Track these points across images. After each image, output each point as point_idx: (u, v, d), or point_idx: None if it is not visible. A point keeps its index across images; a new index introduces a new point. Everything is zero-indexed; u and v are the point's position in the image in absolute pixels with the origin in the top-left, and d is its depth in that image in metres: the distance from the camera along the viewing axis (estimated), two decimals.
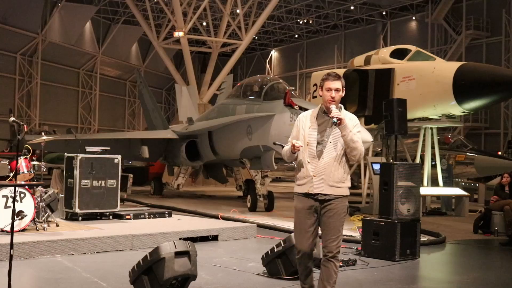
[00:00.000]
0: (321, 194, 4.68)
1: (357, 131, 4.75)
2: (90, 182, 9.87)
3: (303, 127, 4.81)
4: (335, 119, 4.60)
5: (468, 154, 18.01)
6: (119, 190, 10.30)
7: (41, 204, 8.46)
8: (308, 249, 4.76)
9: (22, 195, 7.92)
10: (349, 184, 4.84)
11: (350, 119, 4.77)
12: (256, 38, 43.20)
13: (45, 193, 8.78)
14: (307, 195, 4.72)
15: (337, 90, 4.73)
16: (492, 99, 12.95)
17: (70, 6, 37.40)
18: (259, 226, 10.72)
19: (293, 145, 4.68)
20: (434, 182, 15.12)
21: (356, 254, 8.25)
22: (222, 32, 30.68)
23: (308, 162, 4.71)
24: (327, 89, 4.75)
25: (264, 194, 14.27)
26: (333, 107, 4.69)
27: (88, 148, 10.44)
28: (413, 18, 37.03)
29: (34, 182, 8.68)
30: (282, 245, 6.48)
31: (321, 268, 4.75)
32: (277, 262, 6.51)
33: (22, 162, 8.66)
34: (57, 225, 8.66)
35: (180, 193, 19.70)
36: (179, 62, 43.03)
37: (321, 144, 4.71)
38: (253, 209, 14.19)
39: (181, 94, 21.72)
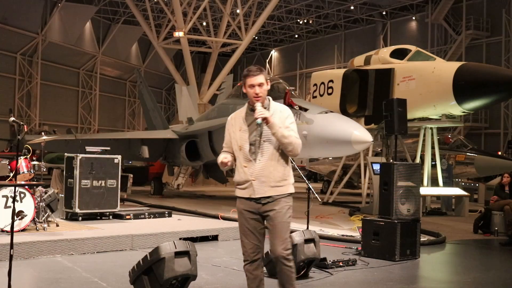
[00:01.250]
0: (263, 197, 4.39)
1: (290, 123, 4.45)
2: (90, 182, 9.87)
3: (233, 130, 4.51)
4: (259, 120, 4.31)
5: (468, 154, 18.01)
6: (119, 190, 10.29)
7: (41, 204, 8.46)
8: (253, 255, 4.47)
9: (22, 195, 7.91)
10: (292, 180, 4.51)
11: (281, 112, 4.47)
12: (256, 38, 43.23)
13: (45, 193, 8.77)
14: (249, 199, 4.43)
15: (260, 85, 4.42)
16: (492, 99, 12.95)
17: (70, 6, 37.43)
18: None
19: (221, 162, 4.47)
20: (434, 182, 15.12)
21: (356, 254, 8.24)
22: (222, 32, 30.69)
23: (245, 166, 4.41)
24: (250, 86, 4.44)
25: None
26: (258, 105, 4.37)
27: (88, 148, 10.44)
28: (413, 18, 37.05)
29: (34, 182, 8.67)
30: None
31: (278, 274, 4.48)
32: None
33: (22, 162, 8.66)
34: (57, 225, 8.65)
35: (180, 193, 19.70)
36: (179, 62, 43.06)
37: (254, 145, 4.41)
38: None
39: (181, 94, 21.72)
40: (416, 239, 8.28)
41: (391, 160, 10.58)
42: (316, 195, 7.52)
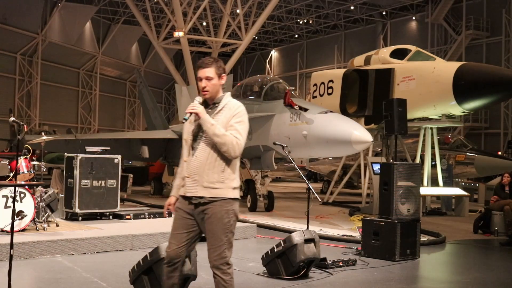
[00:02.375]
0: (194, 197, 4.09)
1: (236, 122, 4.07)
2: (90, 182, 9.87)
3: (189, 121, 4.24)
4: (186, 115, 4.10)
5: (468, 154, 18.02)
6: (119, 190, 10.29)
7: (41, 204, 8.46)
8: (174, 255, 4.15)
9: (22, 195, 7.91)
10: (233, 185, 4.13)
11: (230, 109, 4.12)
12: (256, 38, 43.23)
13: (45, 193, 8.77)
14: (183, 197, 4.16)
15: (208, 78, 4.10)
16: (492, 99, 12.94)
17: (70, 6, 37.45)
18: (259, 226, 10.72)
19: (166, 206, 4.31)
20: (434, 182, 15.12)
21: (356, 254, 8.25)
22: (222, 32, 30.70)
23: (185, 160, 4.15)
24: (198, 79, 4.17)
25: (264, 194, 14.27)
26: (195, 100, 4.14)
27: (88, 148, 10.44)
28: (413, 18, 37.06)
29: (34, 182, 8.67)
30: (282, 245, 6.48)
31: (214, 281, 4.17)
32: (277, 262, 6.51)
33: (22, 162, 8.66)
34: (57, 225, 8.65)
35: None
36: (179, 62, 43.08)
37: (196, 141, 4.13)
38: (253, 209, 14.18)
39: (181, 94, 21.69)
40: (416, 239, 8.29)
41: (391, 160, 10.59)
42: (316, 195, 7.52)
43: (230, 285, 4.06)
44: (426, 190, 14.10)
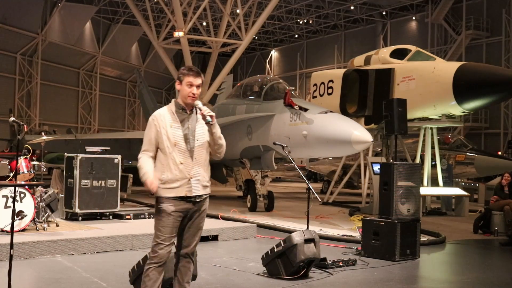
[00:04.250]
0: (197, 195, 4.42)
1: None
2: (90, 182, 9.87)
3: (163, 126, 4.38)
4: (209, 118, 4.33)
5: (468, 154, 18.02)
6: (119, 190, 10.29)
7: (41, 204, 8.46)
8: (167, 256, 4.39)
9: (22, 195, 7.92)
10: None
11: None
12: (256, 38, 43.24)
13: (45, 193, 8.77)
14: (183, 198, 4.36)
15: (198, 86, 4.43)
16: (492, 99, 12.95)
17: (70, 6, 37.46)
18: (259, 226, 10.72)
19: (150, 187, 4.29)
20: (434, 182, 15.12)
21: (356, 254, 8.25)
22: (222, 32, 30.69)
23: (181, 163, 4.35)
24: (188, 84, 4.41)
25: (264, 194, 14.27)
26: (199, 103, 4.42)
27: (88, 148, 10.44)
28: (413, 18, 37.07)
29: (34, 182, 8.67)
30: (282, 245, 6.48)
31: (180, 270, 4.51)
32: (277, 262, 6.51)
33: (22, 162, 8.66)
34: (57, 225, 8.66)
35: None
36: (179, 62, 43.06)
37: (189, 144, 4.39)
38: (253, 209, 14.18)
39: None
40: (416, 239, 8.28)
41: (391, 160, 10.58)
42: (316, 195, 7.52)
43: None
44: (426, 190, 14.10)
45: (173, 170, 4.35)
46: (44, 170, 9.89)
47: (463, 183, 18.81)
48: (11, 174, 8.55)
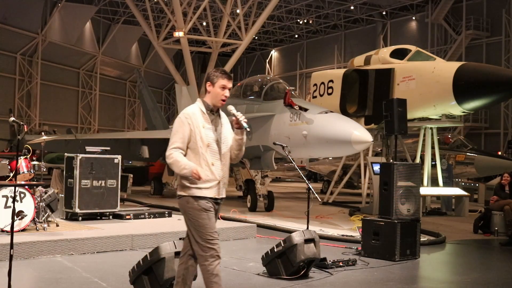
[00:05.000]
0: (222, 198, 4.48)
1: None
2: (90, 182, 9.87)
3: (196, 125, 4.32)
4: (245, 125, 4.34)
5: (468, 154, 18.02)
6: (119, 190, 10.29)
7: (41, 204, 8.46)
8: (219, 250, 4.40)
9: (22, 195, 7.91)
10: None
11: (226, 117, 4.57)
12: (256, 38, 43.23)
13: (45, 193, 8.77)
14: (213, 199, 4.38)
15: (229, 89, 4.45)
16: (492, 99, 12.94)
17: (70, 6, 37.45)
18: (259, 226, 10.72)
19: (197, 174, 4.21)
20: (434, 182, 15.11)
21: (356, 254, 8.25)
22: (222, 32, 30.70)
23: (213, 164, 4.34)
24: (221, 87, 4.38)
25: (264, 194, 14.27)
26: (233, 109, 4.40)
27: (88, 148, 10.44)
28: (413, 18, 37.06)
29: (34, 182, 8.67)
30: (282, 245, 6.48)
31: (188, 269, 4.46)
32: (277, 262, 6.51)
33: (22, 162, 8.66)
34: (57, 225, 8.66)
35: None
36: (179, 62, 43.07)
37: (219, 146, 4.40)
38: (253, 209, 14.18)
39: (181, 94, 21.71)
40: (416, 239, 8.29)
41: (391, 160, 10.58)
42: (316, 195, 7.52)
43: None
44: (426, 190, 14.09)
45: (205, 170, 4.31)
46: (44, 170, 9.88)
47: (463, 183, 18.81)
48: (11, 174, 8.55)
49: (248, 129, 4.39)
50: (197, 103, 4.46)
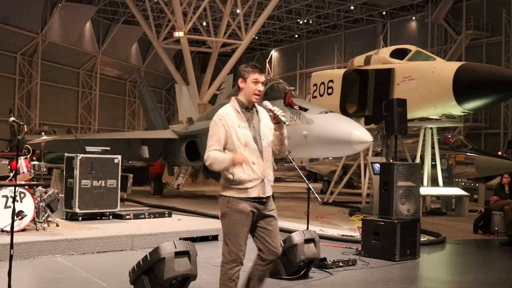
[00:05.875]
0: (268, 196, 4.36)
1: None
2: (90, 182, 9.87)
3: (231, 126, 4.22)
4: (283, 119, 4.27)
5: (468, 154, 18.01)
6: (119, 190, 10.29)
7: (41, 204, 8.46)
8: (243, 257, 4.34)
9: (22, 195, 7.91)
10: None
11: (264, 112, 4.46)
12: (256, 38, 43.21)
13: (45, 193, 8.77)
14: (256, 198, 4.27)
15: (263, 83, 4.32)
16: (492, 99, 12.95)
17: (70, 6, 37.43)
18: None
19: (240, 160, 4.14)
20: (434, 182, 15.12)
21: (356, 254, 8.25)
22: (222, 32, 30.68)
23: (253, 163, 4.23)
24: (254, 81, 4.27)
25: None
26: (269, 104, 4.33)
27: (88, 148, 10.44)
28: (413, 18, 37.05)
29: (34, 182, 8.67)
30: (282, 245, 6.47)
31: (261, 270, 4.47)
32: (277, 262, 6.49)
33: (22, 162, 8.65)
34: (57, 225, 8.65)
35: (180, 193, 19.70)
36: (179, 62, 43.03)
37: (258, 144, 4.28)
38: None
39: (181, 94, 21.73)
40: (416, 239, 8.29)
41: (391, 160, 10.58)
42: (316, 195, 7.52)
43: None
44: (426, 190, 14.09)
45: (246, 170, 4.22)
46: (44, 170, 9.88)
47: (463, 183, 18.81)
48: (11, 174, 8.55)
49: (287, 123, 4.32)
50: (230, 103, 4.36)
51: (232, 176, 4.23)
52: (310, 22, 40.84)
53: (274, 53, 47.92)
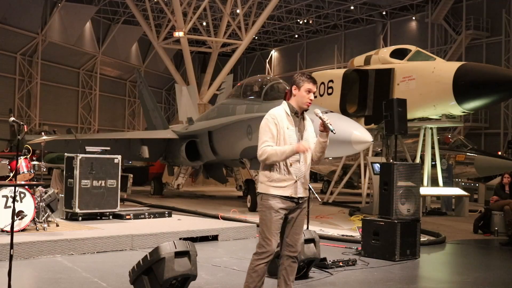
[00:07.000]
0: (301, 197, 4.62)
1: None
2: (90, 182, 9.87)
3: (281, 126, 4.53)
4: (332, 127, 4.56)
5: (468, 154, 18.02)
6: (119, 190, 10.29)
7: (41, 204, 8.45)
8: (275, 250, 4.62)
9: (22, 195, 7.91)
10: None
11: (309, 120, 4.79)
12: (256, 38, 43.23)
13: (45, 193, 8.76)
14: (288, 197, 4.55)
15: (314, 93, 4.65)
16: (492, 99, 12.95)
17: (70, 6, 37.44)
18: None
19: (304, 148, 4.47)
20: (434, 182, 15.12)
21: (356, 254, 8.25)
22: (222, 32, 30.69)
23: (290, 165, 4.54)
24: (307, 91, 4.58)
25: None
26: (319, 112, 4.62)
27: (88, 148, 10.43)
28: (413, 18, 37.06)
29: (34, 182, 8.67)
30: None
31: (286, 270, 4.71)
32: (277, 262, 6.48)
33: (22, 162, 8.65)
34: (57, 225, 8.66)
35: (180, 193, 19.70)
36: (179, 62, 43.07)
37: None
38: (253, 209, 14.18)
39: (181, 94, 21.71)
40: (416, 239, 8.29)
41: (391, 160, 10.59)
42: (316, 195, 7.52)
43: None
44: (426, 190, 14.09)
45: (282, 170, 4.53)
46: (44, 170, 9.88)
47: (463, 183, 18.82)
48: (11, 174, 8.55)
49: (334, 132, 4.58)
50: (282, 105, 4.66)
51: (270, 174, 4.55)
52: (310, 22, 40.85)
53: (274, 53, 47.92)
